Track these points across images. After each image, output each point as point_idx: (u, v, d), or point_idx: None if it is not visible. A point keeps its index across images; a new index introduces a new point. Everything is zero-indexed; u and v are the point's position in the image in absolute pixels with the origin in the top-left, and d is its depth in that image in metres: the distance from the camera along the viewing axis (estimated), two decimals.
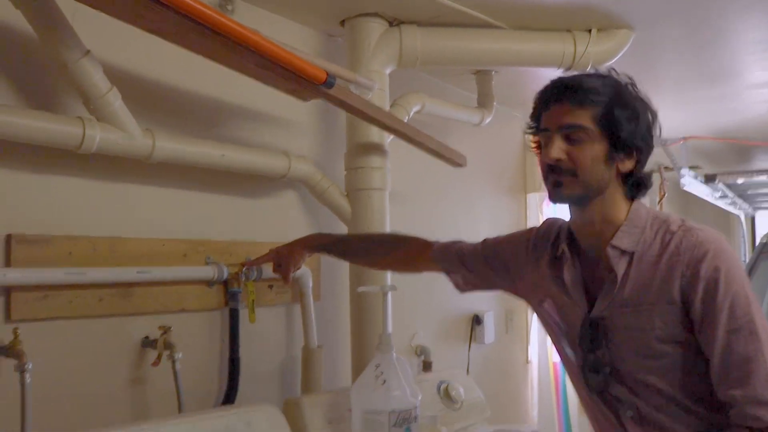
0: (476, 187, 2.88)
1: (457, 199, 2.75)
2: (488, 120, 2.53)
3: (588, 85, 1.21)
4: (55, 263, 1.39)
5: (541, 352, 3.28)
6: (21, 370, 1.26)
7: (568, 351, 1.34)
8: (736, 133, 3.84)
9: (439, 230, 2.58)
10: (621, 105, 1.20)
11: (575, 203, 1.26)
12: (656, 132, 1.26)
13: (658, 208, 5.02)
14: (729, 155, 4.51)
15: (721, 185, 4.56)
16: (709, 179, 4.36)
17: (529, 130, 1.31)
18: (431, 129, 1.98)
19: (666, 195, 5.06)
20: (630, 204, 1.26)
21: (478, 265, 1.52)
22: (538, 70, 2.58)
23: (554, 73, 2.42)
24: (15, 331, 1.30)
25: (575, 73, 1.83)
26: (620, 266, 1.23)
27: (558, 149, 1.21)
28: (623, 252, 1.23)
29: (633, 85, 1.25)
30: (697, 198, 4.59)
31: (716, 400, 1.16)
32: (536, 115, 1.27)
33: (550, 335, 1.42)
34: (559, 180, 1.22)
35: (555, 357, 3.34)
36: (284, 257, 1.66)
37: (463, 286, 1.57)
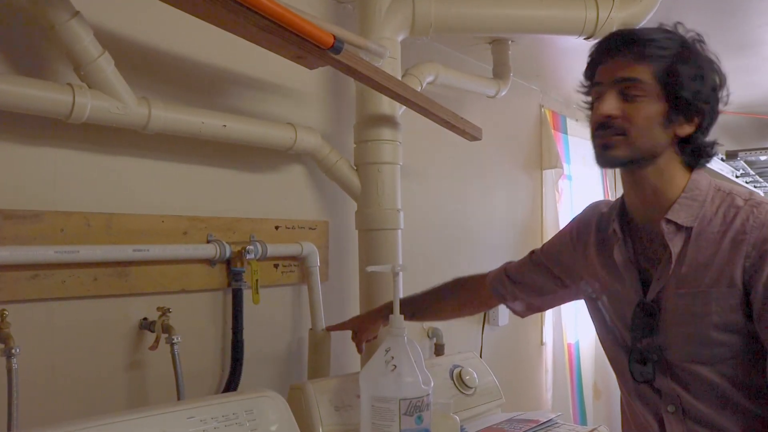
0: (491, 162, 2.78)
1: (472, 174, 2.65)
2: (504, 92, 2.43)
3: (650, 37, 1.09)
4: (46, 240, 1.31)
5: (555, 333, 3.20)
6: (8, 354, 1.18)
7: (617, 341, 1.25)
8: (759, 108, 3.72)
9: (452, 207, 2.50)
10: (686, 62, 1.08)
11: (624, 167, 1.14)
12: (723, 97, 1.13)
13: None
14: (750, 131, 4.38)
15: (741, 163, 4.42)
16: (730, 156, 4.23)
17: (582, 89, 1.20)
18: (445, 101, 1.88)
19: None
20: (689, 173, 1.14)
21: (527, 276, 1.46)
22: (556, 41, 2.48)
23: (574, 42, 2.32)
24: (2, 313, 1.23)
25: (598, 39, 1.72)
26: (675, 243, 1.11)
27: (611, 104, 1.10)
28: (679, 227, 1.11)
29: (701, 42, 1.12)
30: (716, 176, 4.47)
31: None
32: (590, 71, 1.17)
33: (598, 329, 1.33)
34: (607, 141, 1.11)
35: (570, 338, 3.27)
36: (359, 326, 1.66)
37: (521, 310, 1.53)
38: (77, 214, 1.36)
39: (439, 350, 2.32)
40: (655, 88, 1.09)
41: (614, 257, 1.21)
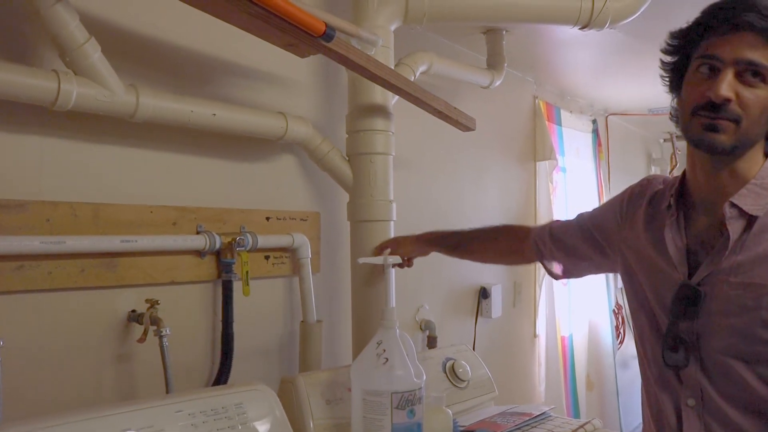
0: (484, 153, 2.76)
1: (465, 165, 2.63)
2: (498, 83, 2.41)
3: None
4: (31, 231, 1.28)
5: (549, 326, 3.19)
6: None
7: (650, 321, 1.20)
8: None
9: (445, 198, 2.49)
10: None
11: (725, 155, 1.06)
12: None
13: None
14: None
15: None
16: None
17: (670, 48, 1.12)
18: (438, 91, 1.86)
19: (678, 165, 4.94)
20: (765, 158, 1.08)
21: (569, 236, 1.42)
22: (551, 32, 2.46)
23: (569, 33, 2.30)
24: None
25: (592, 30, 1.66)
26: (735, 229, 1.05)
27: (728, 86, 1.01)
28: (742, 213, 1.05)
29: None
30: None
31: None
32: (697, 35, 1.08)
33: (632, 305, 1.27)
34: (715, 123, 1.03)
35: (563, 331, 3.26)
36: (397, 246, 1.65)
37: (558, 272, 1.49)
38: (63, 204, 1.34)
39: (431, 343, 2.30)
40: None
41: (664, 234, 1.16)
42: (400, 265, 1.63)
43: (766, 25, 1.00)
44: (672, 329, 1.13)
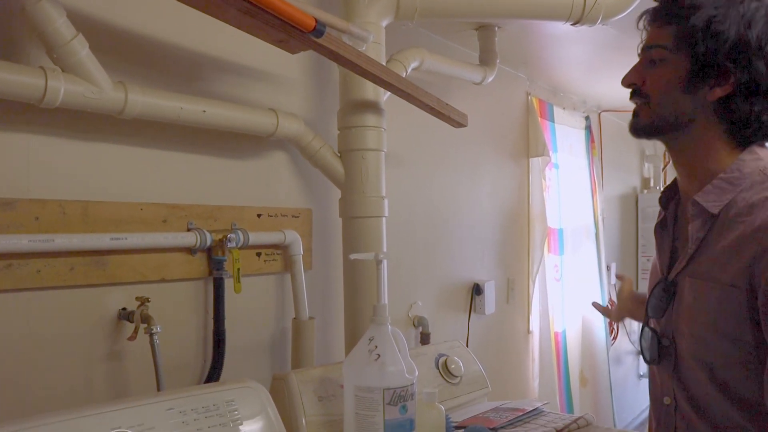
0: (477, 149, 2.76)
1: (458, 162, 2.63)
2: (490, 79, 2.40)
3: None
4: (20, 229, 1.27)
5: (542, 322, 3.19)
6: None
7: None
8: None
9: (437, 194, 2.48)
10: (707, 13, 0.99)
11: (649, 135, 1.10)
12: None
13: (662, 175, 4.92)
14: None
15: None
16: None
17: None
18: (430, 88, 1.86)
19: (670, 162, 4.94)
20: (740, 151, 1.04)
21: None
22: (543, 28, 2.46)
23: (561, 30, 2.30)
24: None
25: (584, 26, 1.67)
26: (695, 227, 1.03)
27: (632, 72, 1.10)
28: (703, 211, 1.03)
29: None
30: None
31: None
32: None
33: None
34: (635, 109, 1.11)
35: (557, 327, 3.26)
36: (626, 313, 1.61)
37: None
38: (52, 202, 1.33)
39: (424, 339, 2.30)
40: (676, 51, 1.04)
41: (654, 233, 1.19)
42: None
43: (660, 12, 1.08)
44: (648, 324, 1.14)
